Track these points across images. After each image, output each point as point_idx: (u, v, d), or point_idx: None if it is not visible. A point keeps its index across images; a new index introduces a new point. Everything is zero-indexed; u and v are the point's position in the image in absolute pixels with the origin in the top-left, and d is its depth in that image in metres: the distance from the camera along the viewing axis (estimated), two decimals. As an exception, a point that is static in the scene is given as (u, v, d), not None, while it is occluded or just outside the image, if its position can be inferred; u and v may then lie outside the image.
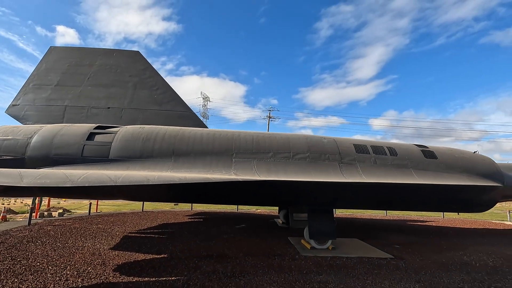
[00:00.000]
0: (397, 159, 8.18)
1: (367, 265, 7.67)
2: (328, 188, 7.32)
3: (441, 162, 8.45)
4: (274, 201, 8.67)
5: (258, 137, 7.89)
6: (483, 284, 6.58)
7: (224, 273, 6.70)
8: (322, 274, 6.85)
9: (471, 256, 9.14)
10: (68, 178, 4.82)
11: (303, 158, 7.60)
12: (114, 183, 4.95)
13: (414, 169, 8.05)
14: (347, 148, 8.18)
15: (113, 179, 5.04)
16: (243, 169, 6.97)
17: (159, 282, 6.09)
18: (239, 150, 7.39)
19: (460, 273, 7.27)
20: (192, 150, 7.14)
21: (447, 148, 9.30)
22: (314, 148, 7.90)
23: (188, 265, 7.32)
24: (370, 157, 8.05)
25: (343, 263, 7.75)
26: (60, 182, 4.82)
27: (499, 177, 8.64)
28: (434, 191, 7.99)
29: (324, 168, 7.44)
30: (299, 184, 6.90)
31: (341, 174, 7.34)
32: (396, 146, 8.72)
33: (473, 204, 8.81)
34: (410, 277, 6.83)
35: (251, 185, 6.96)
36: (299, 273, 6.83)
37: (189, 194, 7.66)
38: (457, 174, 8.24)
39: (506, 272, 7.53)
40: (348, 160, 7.84)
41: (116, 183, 4.96)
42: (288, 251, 8.96)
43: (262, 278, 6.45)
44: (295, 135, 8.41)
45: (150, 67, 9.56)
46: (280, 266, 7.37)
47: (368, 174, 7.51)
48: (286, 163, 7.38)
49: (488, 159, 9.29)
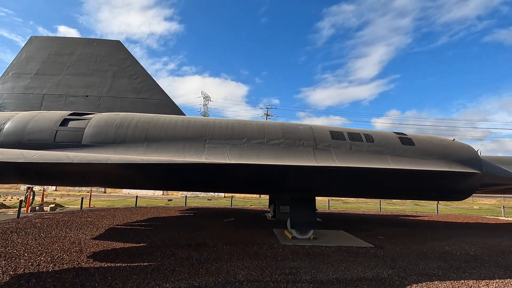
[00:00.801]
0: (373, 146, 8.11)
1: (344, 253, 7.63)
2: (300, 172, 7.27)
3: (418, 148, 8.35)
4: (246, 187, 8.52)
5: (233, 124, 7.86)
6: (458, 270, 6.52)
7: (197, 259, 6.69)
8: (296, 260, 6.81)
9: (454, 246, 9.06)
10: (23, 155, 4.81)
11: (277, 144, 7.56)
12: (71, 161, 4.93)
13: (390, 155, 7.97)
14: (322, 134, 8.12)
15: (71, 157, 5.04)
16: (215, 154, 6.95)
17: (130, 267, 6.09)
18: (213, 136, 7.37)
19: (438, 261, 7.21)
20: (165, 136, 7.13)
21: (426, 136, 9.19)
22: (288, 135, 7.85)
23: (164, 252, 7.32)
24: (346, 144, 7.98)
25: (321, 251, 7.71)
26: (13, 158, 4.79)
27: (478, 164, 8.53)
28: (410, 177, 7.91)
29: (297, 154, 7.39)
30: (268, 168, 6.87)
31: (314, 160, 7.29)
32: (373, 133, 8.64)
33: (451, 191, 8.70)
34: (385, 264, 6.78)
35: (222, 170, 6.94)
36: (273, 260, 6.80)
37: (159, 179, 7.64)
38: (434, 161, 8.15)
39: (485, 260, 7.46)
40: (323, 146, 7.78)
41: (73, 161, 4.95)
42: (269, 240, 8.94)
43: (235, 264, 6.44)
44: (271, 122, 8.37)
45: (131, 56, 9.57)
46: (256, 253, 7.34)
47: (342, 160, 7.45)
48: (260, 148, 7.35)
49: (468, 146, 9.18)
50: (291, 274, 5.90)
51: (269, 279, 5.56)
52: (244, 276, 5.66)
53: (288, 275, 5.84)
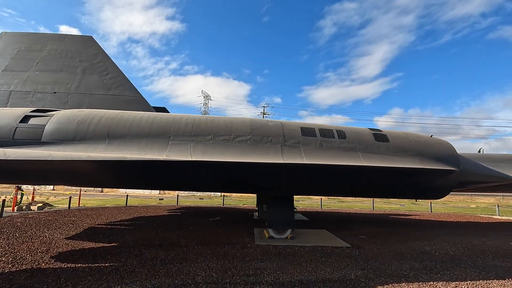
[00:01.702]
0: (345, 142, 7.86)
1: (317, 253, 7.41)
2: (263, 170, 7.06)
3: (392, 145, 8.09)
4: (211, 185, 8.25)
5: (200, 120, 7.65)
6: (431, 271, 6.28)
7: (162, 260, 6.51)
8: (264, 261, 6.61)
9: (435, 245, 8.82)
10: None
11: (244, 141, 7.34)
12: (6, 158, 4.76)
13: (362, 152, 7.71)
14: (292, 131, 7.88)
15: (7, 154, 4.87)
16: (178, 151, 6.75)
17: (89, 268, 5.92)
18: (178, 133, 7.16)
19: (413, 261, 6.98)
20: (128, 133, 6.94)
21: (403, 132, 8.92)
22: (257, 131, 7.63)
23: (132, 252, 7.14)
24: (316, 140, 7.74)
25: (293, 252, 7.50)
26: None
27: (455, 161, 8.25)
28: (382, 174, 7.67)
29: (264, 151, 7.17)
30: (230, 166, 6.65)
31: (280, 157, 7.06)
32: (347, 129, 8.39)
33: (426, 189, 8.42)
34: (357, 265, 6.56)
35: (183, 168, 6.74)
36: (240, 260, 6.60)
37: (117, 176, 7.44)
38: (408, 157, 7.88)
39: (463, 260, 7.21)
40: (292, 143, 7.55)
41: (8, 158, 4.78)
42: (244, 240, 8.74)
43: (199, 264, 6.25)
44: (240, 119, 8.15)
45: (102, 52, 9.38)
46: (225, 254, 7.15)
47: (310, 157, 7.21)
48: (225, 145, 7.13)
49: (445, 142, 8.88)
50: (254, 275, 5.71)
51: (228, 280, 5.36)
52: (203, 278, 5.46)
53: (250, 276, 5.64)
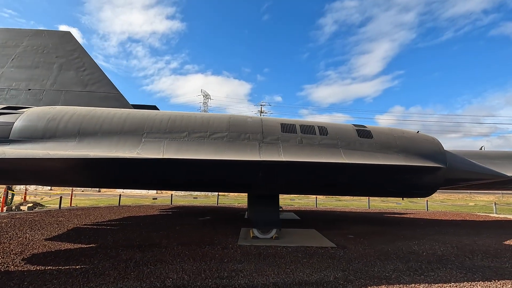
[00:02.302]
0: (327, 139, 7.60)
1: (300, 254, 7.18)
2: (238, 168, 6.81)
3: (376, 141, 7.81)
4: (185, 184, 7.87)
5: (176, 117, 7.41)
6: (415, 272, 6.04)
7: (137, 262, 6.29)
8: (242, 262, 6.38)
9: (424, 245, 8.57)
10: None
11: (221, 138, 7.09)
12: None
13: (344, 148, 7.45)
14: (271, 127, 7.63)
15: None
16: (150, 149, 6.52)
17: (58, 270, 5.71)
18: (151, 130, 6.92)
19: (398, 262, 6.74)
20: (99, 130, 6.71)
21: (388, 128, 8.63)
22: (234, 128, 7.37)
23: (108, 254, 6.93)
24: (297, 137, 7.48)
25: (275, 252, 7.26)
26: None
27: (441, 158, 7.97)
28: (364, 172, 7.41)
29: (241, 148, 6.92)
30: (201, 163, 6.40)
31: (257, 154, 6.81)
32: (329, 125, 8.13)
33: (411, 187, 8.15)
34: (339, 266, 6.32)
35: (154, 166, 6.50)
36: (217, 262, 6.37)
37: (86, 175, 7.21)
38: (392, 154, 7.61)
39: (450, 261, 6.96)
40: (270, 140, 7.29)
41: None
42: (228, 240, 8.52)
43: (174, 266, 6.02)
44: (218, 115, 7.90)
45: (80, 47, 9.14)
46: (204, 255, 6.92)
47: (289, 154, 6.96)
48: (201, 142, 6.88)
49: (432, 138, 8.59)
50: (228, 277, 5.48)
51: (199, 283, 5.14)
52: (173, 281, 5.24)
53: (224, 279, 5.41)
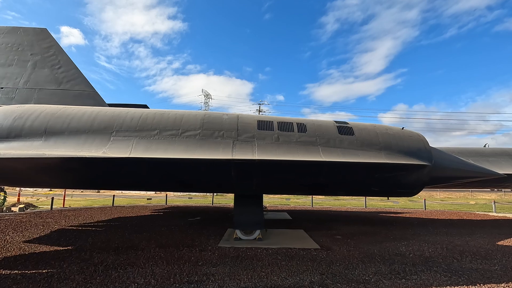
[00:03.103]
0: (305, 136, 7.30)
1: (280, 256, 6.91)
2: (210, 167, 6.54)
3: (358, 138, 7.48)
4: (155, 183, 7.60)
5: (147, 115, 7.16)
6: (397, 276, 5.75)
7: (107, 265, 6.06)
8: (217, 266, 6.13)
9: (413, 246, 8.26)
10: None
11: (193, 136, 6.83)
12: None
13: (322, 146, 7.14)
14: (247, 124, 7.34)
15: None
16: (118, 148, 6.28)
17: (22, 275, 5.49)
18: (121, 128, 6.68)
19: (382, 265, 6.45)
20: (67, 129, 6.48)
21: (371, 124, 8.30)
22: (208, 125, 7.11)
23: (81, 257, 6.71)
24: (273, 134, 7.20)
25: (254, 254, 7.00)
26: None
27: (427, 155, 7.62)
28: (343, 171, 7.11)
29: (213, 146, 6.65)
30: (168, 162, 6.14)
31: (230, 152, 6.54)
32: (309, 122, 7.82)
33: (395, 186, 7.81)
34: (318, 269, 6.04)
35: (121, 166, 6.26)
36: (191, 265, 6.13)
37: (51, 175, 6.95)
38: (374, 152, 7.28)
39: (437, 263, 6.66)
40: (245, 138, 7.01)
41: None
42: (209, 242, 8.27)
43: (144, 270, 5.79)
44: (193, 112, 7.62)
45: (56, 45, 8.91)
46: (179, 257, 6.68)
47: (263, 152, 6.67)
48: (171, 141, 6.63)
49: (417, 135, 8.23)
50: (198, 281, 5.23)
51: (165, 289, 4.90)
52: (138, 286, 5.00)
53: (193, 283, 5.16)
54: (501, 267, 6.41)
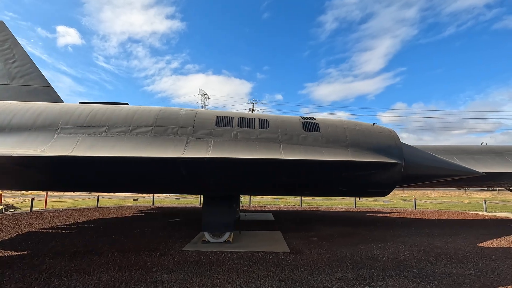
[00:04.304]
0: (266, 132, 6.90)
1: (242, 261, 6.51)
2: (159, 166, 6.13)
3: (323, 135, 7.07)
4: (97, 184, 7.21)
5: (98, 111, 6.74)
6: (362, 282, 5.36)
7: (53, 272, 5.65)
8: (171, 272, 5.73)
9: (389, 248, 7.88)
10: None
11: (144, 133, 6.42)
12: None
13: (285, 143, 6.74)
14: (205, 120, 6.94)
15: None
16: (61, 145, 5.88)
17: (-45, 284, 5.08)
18: (67, 125, 6.28)
19: (350, 269, 6.06)
20: (7, 126, 6.08)
21: (340, 120, 7.89)
22: (162, 121, 6.70)
23: (32, 263, 6.30)
24: (232, 131, 6.80)
25: (216, 259, 6.60)
26: None
27: (397, 153, 7.22)
28: (304, 169, 6.70)
29: (165, 144, 6.25)
30: (112, 162, 5.74)
31: (181, 150, 6.13)
32: (273, 118, 7.42)
33: (364, 185, 7.42)
34: (280, 275, 5.65)
35: (61, 165, 5.85)
36: (144, 271, 5.72)
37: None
38: (340, 149, 6.89)
39: (409, 267, 6.27)
40: (201, 134, 6.62)
41: None
42: (175, 245, 7.86)
43: (90, 278, 5.38)
44: (148, 108, 7.20)
45: (12, 38, 8.47)
46: (135, 263, 6.27)
47: (219, 149, 6.27)
48: (120, 138, 6.22)
49: (388, 131, 7.82)
50: (143, 291, 4.83)
51: (102, 299, 4.49)
52: (75, 296, 4.60)
53: (137, 292, 4.77)
54: (475, 272, 6.03)
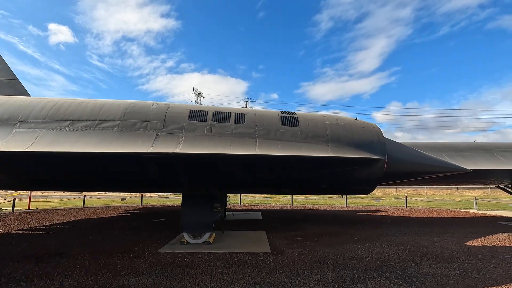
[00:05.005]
0: (242, 127, 6.60)
1: (219, 262, 6.20)
2: (124, 162, 5.78)
3: (303, 130, 6.77)
4: (56, 182, 6.88)
5: (62, 104, 6.38)
6: (340, 285, 5.09)
7: (12, 278, 5.27)
8: (140, 275, 5.39)
9: (374, 248, 7.64)
10: None
11: (110, 127, 6.08)
12: None
13: (261, 138, 6.44)
14: (177, 114, 6.62)
15: None
16: (18, 141, 5.51)
17: None
18: (27, 119, 5.92)
19: (330, 271, 5.79)
20: None
21: (321, 115, 7.59)
22: (130, 115, 6.36)
23: (-6, 267, 5.91)
24: (205, 125, 6.50)
25: (191, 261, 6.27)
26: None
27: (380, 148, 6.96)
28: (282, 166, 6.41)
29: (132, 139, 5.90)
30: (77, 157, 5.37)
31: (149, 145, 5.80)
32: (250, 112, 7.11)
33: (345, 182, 7.17)
34: (255, 278, 5.35)
35: (19, 161, 5.48)
36: (112, 275, 5.38)
37: None
38: (319, 144, 6.61)
39: (392, 268, 6.02)
40: (172, 129, 6.29)
41: None
42: (152, 247, 7.51)
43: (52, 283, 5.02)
44: (117, 101, 6.84)
45: None
46: (105, 266, 5.91)
47: (190, 145, 5.95)
48: (84, 133, 5.87)
49: (371, 125, 7.54)
50: (105, 297, 4.50)
51: (57, 307, 4.15)
52: (29, 303, 4.25)
53: (97, 299, 4.43)
54: (460, 272, 5.81)
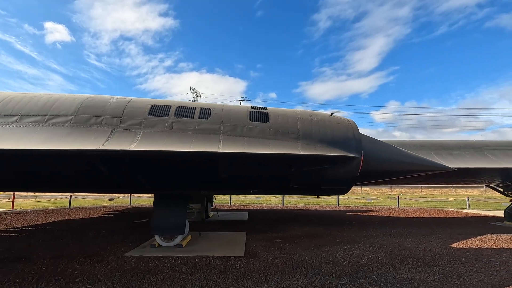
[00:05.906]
0: (206, 123, 6.25)
1: (185, 267, 5.84)
2: (73, 160, 5.41)
3: (271, 126, 6.41)
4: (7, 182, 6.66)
5: (13, 98, 6.01)
6: (309, 292, 4.75)
7: (-43, 285, 4.91)
8: (96, 282, 5.03)
9: (354, 251, 7.30)
10: None
11: (62, 123, 5.73)
12: None
13: (226, 135, 6.09)
14: (136, 110, 6.26)
15: None
16: None
17: None
18: None
19: (301, 277, 5.44)
20: None
21: (293, 110, 7.21)
22: (85, 110, 6.00)
23: None
24: (167, 121, 6.15)
25: (156, 266, 5.91)
26: None
27: (355, 146, 6.58)
28: (247, 164, 6.05)
29: (84, 135, 5.55)
30: (20, 155, 4.99)
31: (102, 142, 5.44)
32: (217, 107, 6.72)
33: (318, 182, 6.81)
34: (220, 284, 5.01)
35: None
36: (65, 282, 5.01)
37: None
38: (289, 141, 6.24)
39: (368, 272, 5.68)
40: (129, 125, 5.94)
41: None
42: (120, 250, 7.14)
43: (-3, 291, 4.66)
44: (72, 96, 6.46)
45: None
46: (61, 272, 5.55)
47: (148, 142, 5.58)
48: (31, 129, 5.51)
49: (346, 121, 7.13)
50: (49, 307, 4.14)
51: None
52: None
53: (39, 309, 4.07)
54: (440, 277, 5.48)
